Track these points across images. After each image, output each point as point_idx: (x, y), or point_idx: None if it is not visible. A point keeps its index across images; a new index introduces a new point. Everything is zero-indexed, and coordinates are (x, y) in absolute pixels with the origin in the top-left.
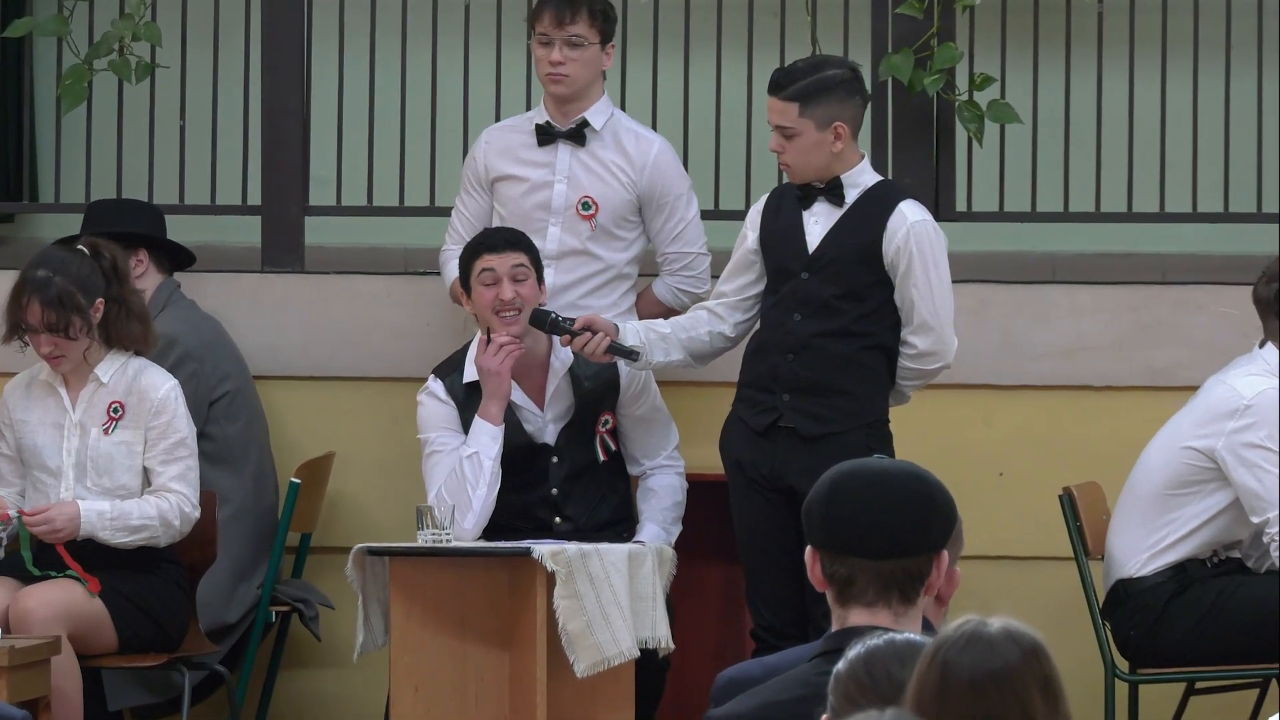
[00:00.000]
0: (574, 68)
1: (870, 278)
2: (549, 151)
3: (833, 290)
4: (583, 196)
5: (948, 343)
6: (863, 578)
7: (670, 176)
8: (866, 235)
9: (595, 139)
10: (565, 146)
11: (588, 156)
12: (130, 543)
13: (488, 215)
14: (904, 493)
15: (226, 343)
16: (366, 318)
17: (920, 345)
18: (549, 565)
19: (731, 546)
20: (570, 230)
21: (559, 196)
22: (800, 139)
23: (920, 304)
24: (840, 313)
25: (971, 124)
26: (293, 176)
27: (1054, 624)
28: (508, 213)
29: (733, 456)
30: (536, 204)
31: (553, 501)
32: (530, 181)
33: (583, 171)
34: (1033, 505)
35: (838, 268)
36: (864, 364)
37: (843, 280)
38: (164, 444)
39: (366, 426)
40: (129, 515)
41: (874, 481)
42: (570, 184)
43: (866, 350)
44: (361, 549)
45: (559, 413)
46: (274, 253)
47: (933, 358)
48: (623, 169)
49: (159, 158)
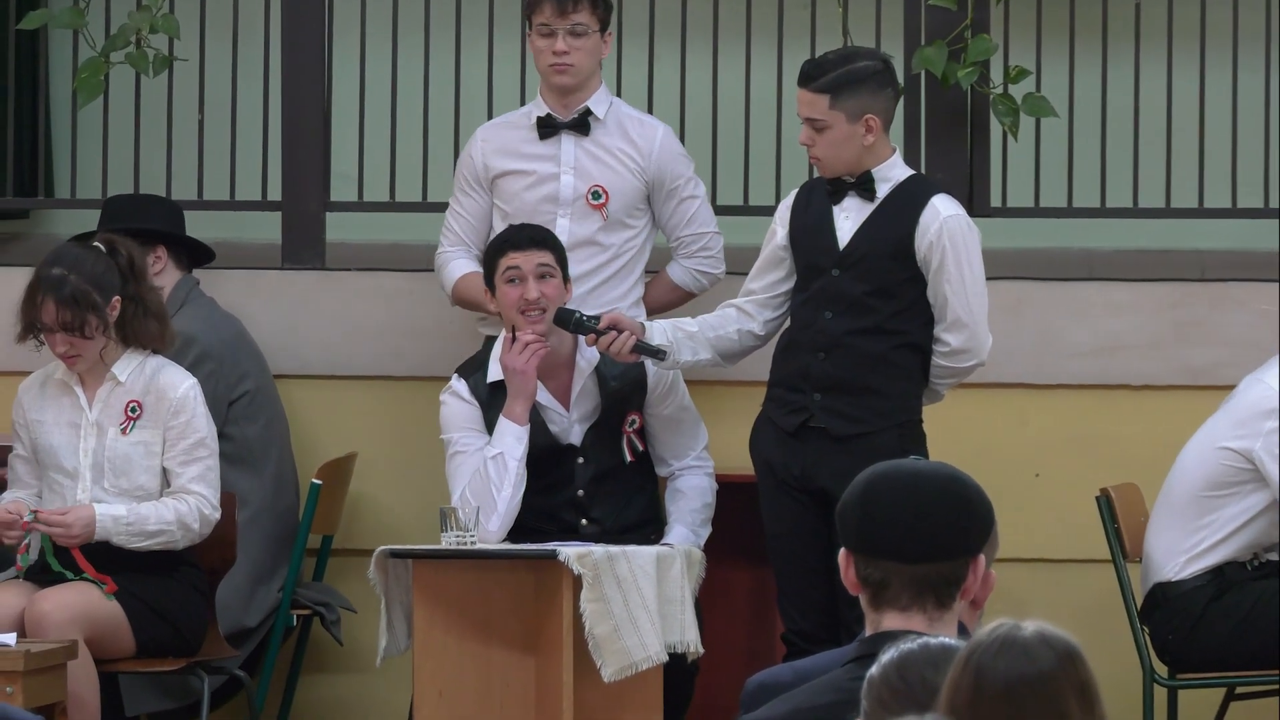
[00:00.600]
0: (578, 57)
1: (902, 274)
2: (552, 144)
3: (864, 287)
4: (592, 186)
5: (981, 340)
6: (897, 581)
7: (678, 160)
8: (898, 230)
9: (599, 127)
10: (569, 137)
11: (593, 146)
12: (147, 547)
13: (488, 214)
14: (940, 495)
15: (246, 341)
16: (389, 316)
17: (953, 343)
18: (575, 568)
19: (761, 548)
20: (581, 221)
21: (567, 188)
22: (831, 132)
23: (954, 300)
24: (872, 310)
25: (1006, 118)
26: (313, 171)
27: (1091, 628)
28: (512, 209)
29: (763, 457)
30: (543, 197)
31: (579, 503)
32: (535, 175)
33: (590, 161)
34: (1069, 507)
35: (869, 264)
36: (896, 362)
37: (874, 277)
38: (183, 444)
39: (389, 426)
40: (145, 520)
41: (909, 484)
42: (578, 174)
43: (899, 348)
44: (384, 551)
45: (585, 413)
46: (294, 249)
47: (966, 355)
48: (631, 156)
49: (177, 152)
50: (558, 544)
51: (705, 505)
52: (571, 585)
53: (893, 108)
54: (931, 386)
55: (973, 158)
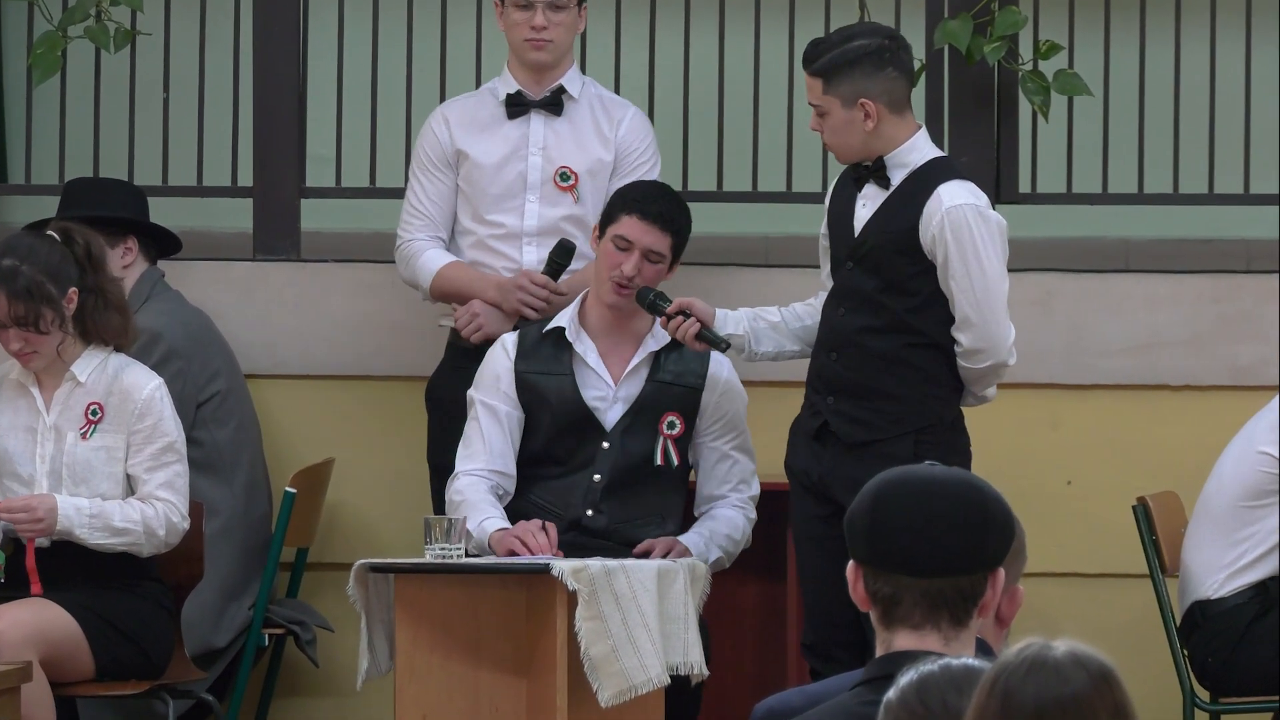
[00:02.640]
0: (557, 32)
1: (912, 268)
2: (520, 124)
3: (875, 282)
4: (560, 168)
5: (995, 339)
6: (909, 597)
7: (642, 139)
8: (904, 221)
9: (572, 107)
10: (539, 117)
11: (564, 126)
12: (111, 545)
13: (454, 197)
14: (955, 504)
15: (215, 338)
16: (370, 310)
17: (965, 342)
18: (570, 583)
19: (770, 561)
20: (551, 204)
21: (535, 170)
22: (830, 117)
23: (960, 297)
24: (883, 307)
25: (1036, 97)
26: (287, 155)
27: (1127, 647)
28: (475, 191)
29: (790, 461)
30: (511, 180)
31: (592, 490)
32: (502, 156)
33: (558, 142)
34: (1104, 517)
35: (878, 257)
36: (911, 364)
37: (884, 271)
38: (150, 449)
39: (369, 430)
40: (110, 516)
41: (922, 491)
42: (545, 156)
43: (915, 348)
44: (364, 565)
45: (630, 395)
46: (267, 239)
47: (980, 355)
48: (603, 134)
49: (140, 134)
50: (551, 558)
51: (729, 536)
52: (566, 602)
53: (898, 88)
54: (966, 388)
55: (1000, 140)
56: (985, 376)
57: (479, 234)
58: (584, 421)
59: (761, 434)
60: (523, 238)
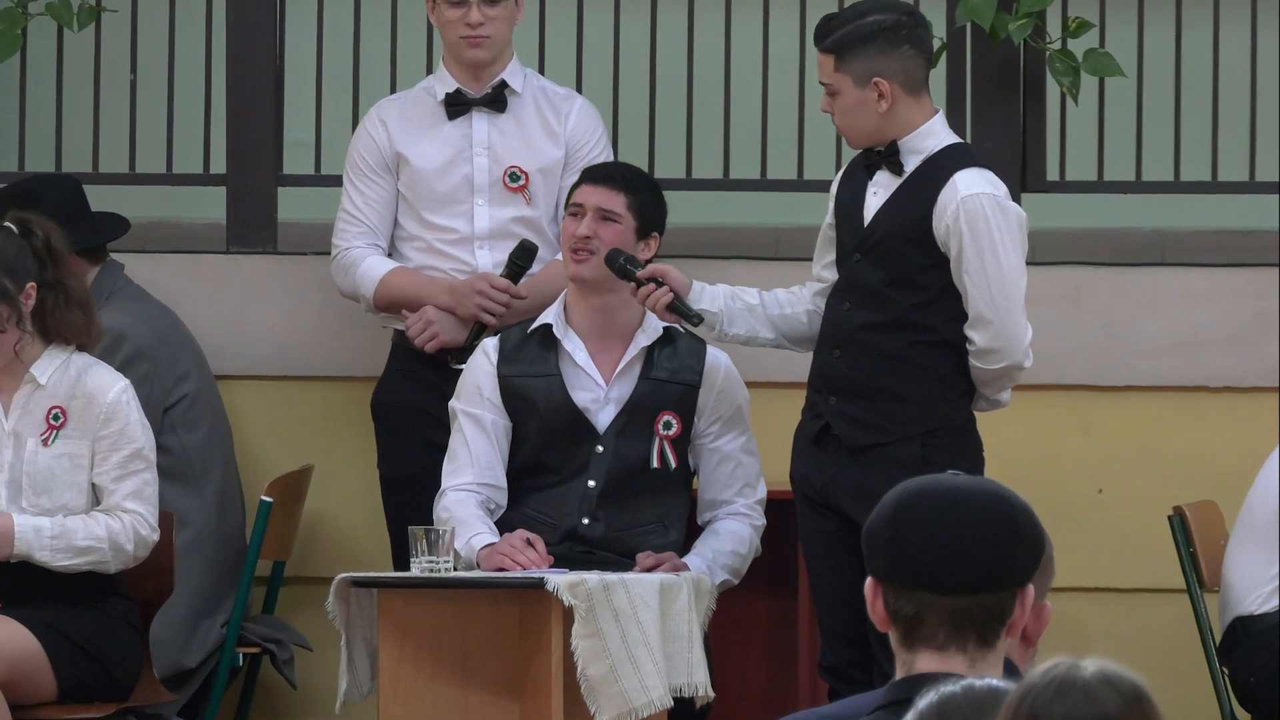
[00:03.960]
0: (495, 27)
1: (923, 261)
2: (462, 124)
3: (882, 275)
4: (509, 168)
5: (1010, 338)
6: (933, 616)
7: (594, 131)
8: (916, 211)
9: (516, 103)
10: (481, 115)
11: (508, 123)
12: (74, 565)
13: (394, 202)
14: (982, 516)
15: (184, 337)
16: (351, 307)
17: (979, 341)
18: (566, 599)
19: (780, 575)
20: (502, 206)
21: (481, 171)
22: (841, 98)
23: (974, 293)
24: (890, 301)
25: (1065, 77)
26: (263, 140)
27: (1162, 667)
28: (418, 196)
29: (794, 469)
30: (456, 183)
31: (587, 497)
32: (445, 159)
33: (503, 140)
34: (1138, 527)
35: (887, 248)
36: (919, 362)
37: (893, 263)
38: (116, 456)
39: (350, 435)
40: (73, 534)
41: (946, 502)
42: (491, 156)
43: (923, 346)
44: (345, 579)
45: (623, 395)
46: (241, 230)
47: (994, 356)
48: (551, 128)
49: (106, 118)
50: (546, 571)
51: (734, 553)
52: (561, 619)
53: (915, 67)
54: (979, 390)
55: (1026, 125)
56: (999, 379)
57: (427, 239)
58: (575, 426)
59: (766, 439)
60: (474, 241)
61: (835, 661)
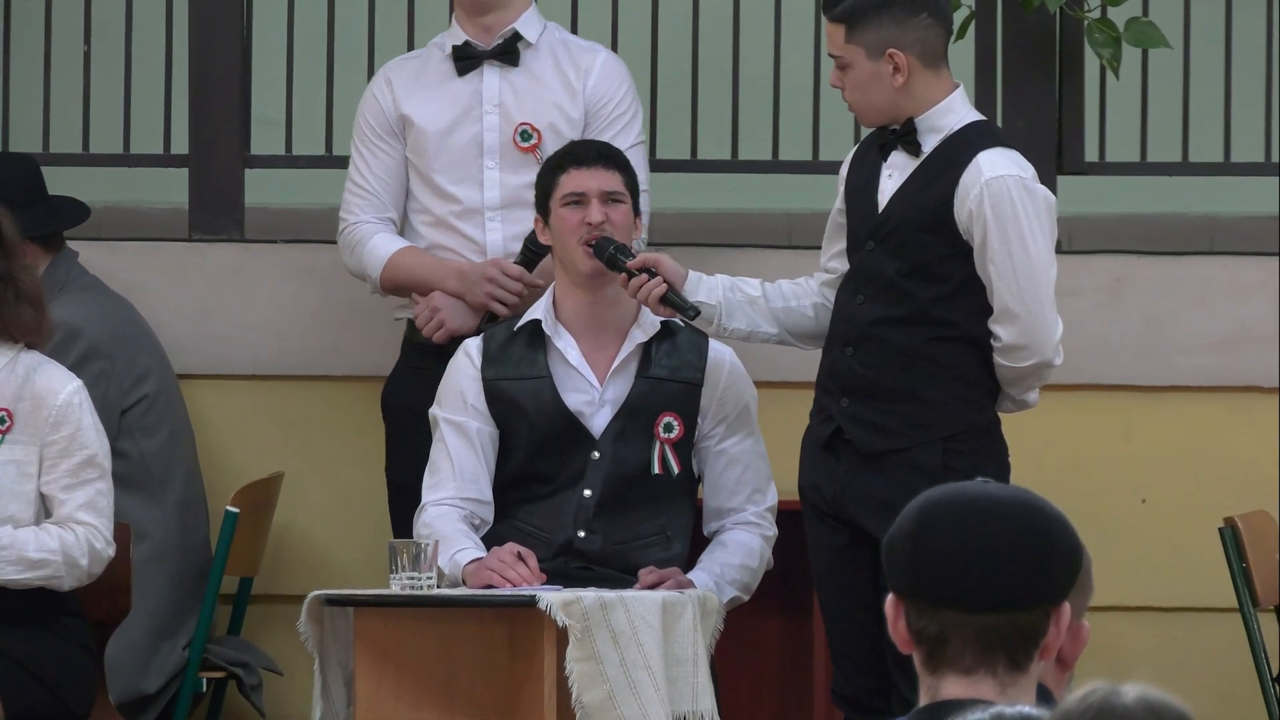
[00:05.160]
0: None
1: (943, 250)
2: (472, 79)
3: (897, 265)
4: (520, 125)
5: (1038, 334)
6: (959, 636)
7: (618, 88)
8: (935, 195)
9: (531, 55)
10: (492, 69)
11: (521, 77)
12: (26, 580)
13: (403, 170)
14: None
15: (143, 332)
16: (325, 300)
17: (1005, 337)
18: (560, 618)
19: (793, 592)
20: (513, 169)
21: (492, 131)
22: (853, 71)
23: (1000, 285)
24: (906, 294)
25: (1105, 49)
26: (229, 118)
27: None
28: (425, 161)
29: (802, 477)
30: (465, 145)
31: (583, 507)
32: (452, 118)
33: (515, 97)
34: (1184, 540)
35: (903, 236)
36: (938, 360)
37: (910, 252)
38: (67, 463)
39: (324, 440)
40: (25, 545)
41: (974, 511)
42: (503, 114)
43: (943, 342)
44: (318, 597)
45: (619, 396)
46: (205, 215)
47: (1021, 353)
48: (569, 84)
49: (57, 94)
50: (538, 589)
51: (744, 567)
52: (555, 640)
53: (933, 38)
54: (1004, 390)
55: (1062, 101)
56: (1026, 378)
57: (435, 211)
58: (569, 430)
59: (773, 444)
60: (484, 213)
61: (849, 689)
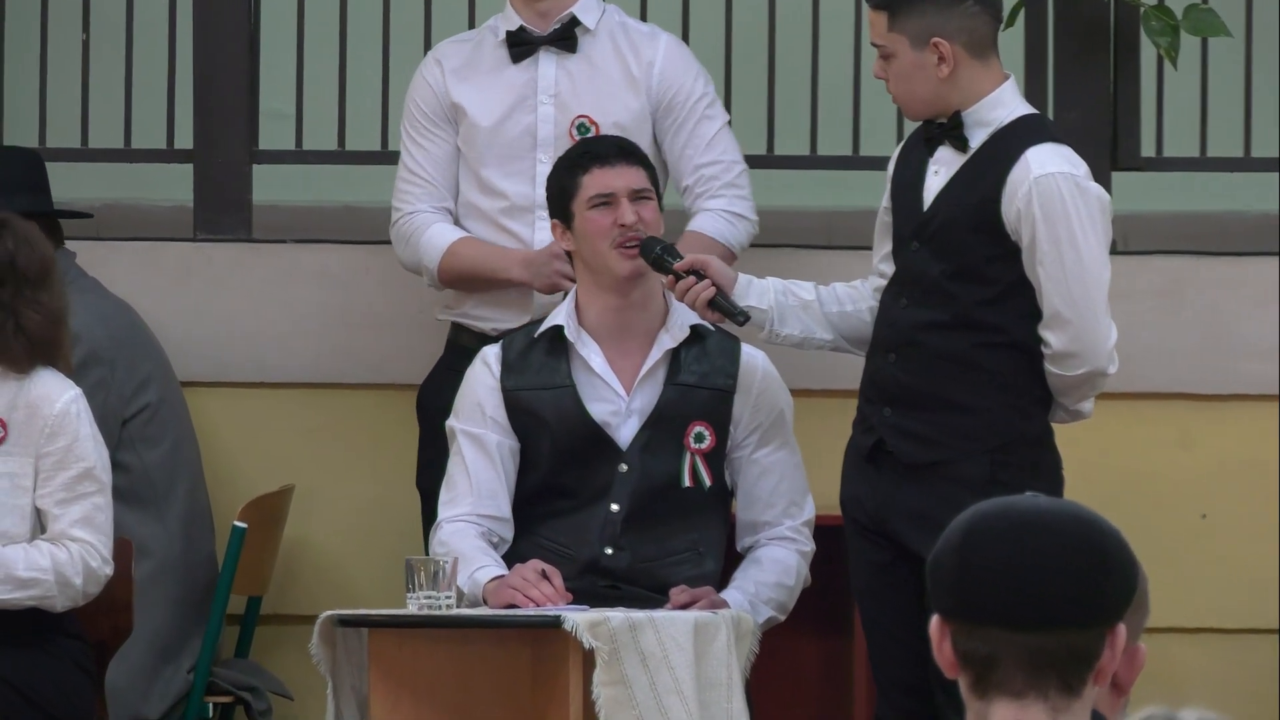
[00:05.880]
0: None
1: (990, 250)
2: (527, 67)
3: (942, 266)
4: (577, 118)
5: (1091, 340)
6: (1009, 658)
7: (689, 70)
8: (981, 193)
9: (589, 41)
10: (549, 56)
11: (580, 66)
12: (15, 600)
13: (455, 159)
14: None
15: (145, 338)
16: (338, 302)
17: (1055, 344)
18: (586, 640)
19: (833, 612)
20: None
21: (547, 123)
22: (896, 61)
23: (1050, 288)
24: (952, 297)
25: (1162, 38)
26: (236, 111)
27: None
28: (475, 154)
29: (844, 490)
30: (517, 137)
31: (611, 523)
32: (505, 108)
33: (574, 86)
34: (1247, 558)
35: (948, 236)
36: (984, 367)
37: (954, 253)
38: (63, 476)
39: (337, 451)
40: (13, 565)
41: (1024, 526)
42: (559, 104)
43: (990, 348)
44: (330, 618)
45: (647, 405)
46: (211, 214)
47: (1073, 360)
48: (630, 74)
49: (54, 85)
50: (563, 609)
51: (780, 585)
52: (581, 663)
53: (981, 26)
54: (1056, 399)
55: (1117, 92)
56: (1079, 387)
57: (481, 207)
58: (594, 442)
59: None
60: (535, 210)
61: (893, 714)
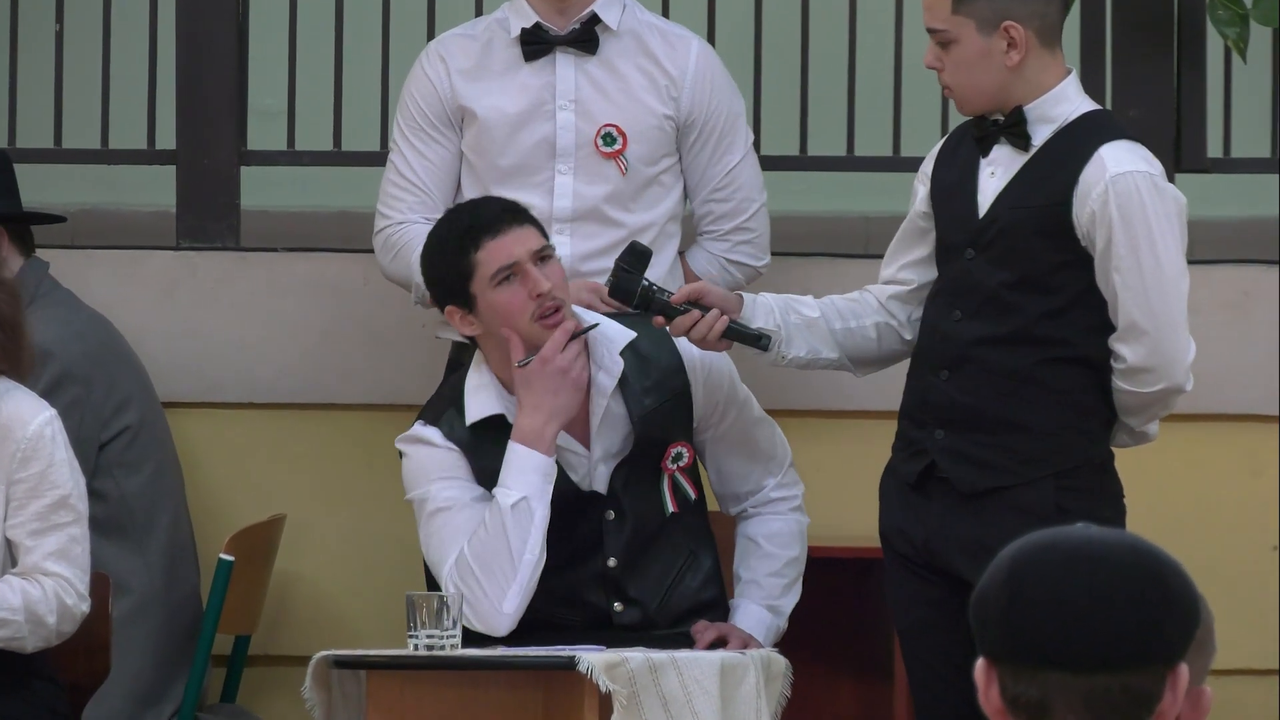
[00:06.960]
0: None
1: (1058, 257)
2: (543, 68)
3: (1003, 275)
4: (603, 127)
5: (1170, 355)
6: (1063, 702)
7: (719, 88)
8: (1050, 194)
9: (611, 42)
10: (567, 58)
11: (601, 69)
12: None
13: (455, 164)
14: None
15: (124, 355)
16: (333, 317)
17: (1130, 358)
18: (603, 683)
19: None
20: (589, 177)
21: (567, 131)
22: (958, 48)
23: (1126, 297)
24: (1013, 309)
25: (1230, 29)
26: (223, 109)
27: None
28: (486, 162)
29: (884, 522)
30: (532, 145)
31: (610, 578)
32: (519, 112)
33: (596, 91)
34: None
35: (1010, 242)
36: (1049, 384)
37: (1018, 261)
38: (36, 505)
39: (332, 478)
40: None
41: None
42: (580, 111)
43: (1054, 364)
44: (325, 659)
45: (610, 449)
46: (195, 220)
47: (1149, 376)
48: (656, 80)
49: (25, 81)
50: (577, 648)
51: (790, 561)
52: (597, 708)
53: (1052, 11)
54: (1121, 420)
55: (1180, 88)
56: (1151, 406)
57: None
58: (572, 505)
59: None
60: (552, 224)
61: None
